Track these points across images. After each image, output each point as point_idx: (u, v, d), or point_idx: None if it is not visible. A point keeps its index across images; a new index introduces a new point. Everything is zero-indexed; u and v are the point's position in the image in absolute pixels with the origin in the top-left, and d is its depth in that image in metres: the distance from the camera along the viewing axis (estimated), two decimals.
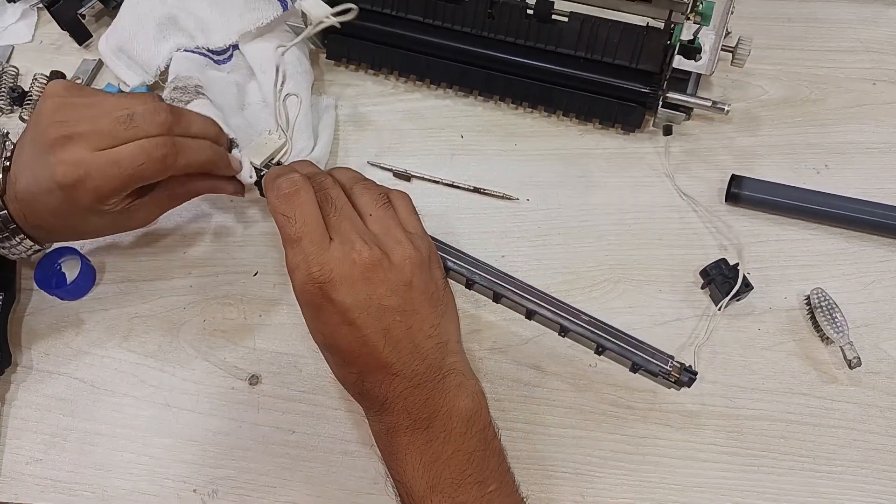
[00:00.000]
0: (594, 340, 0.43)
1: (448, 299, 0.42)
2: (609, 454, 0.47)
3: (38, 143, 0.42)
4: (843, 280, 0.51)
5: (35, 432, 0.50)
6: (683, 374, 0.41)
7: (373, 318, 0.38)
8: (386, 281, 0.38)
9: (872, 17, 0.63)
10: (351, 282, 0.38)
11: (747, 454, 0.47)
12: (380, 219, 0.41)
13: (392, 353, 0.38)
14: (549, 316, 0.43)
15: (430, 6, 0.58)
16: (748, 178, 0.54)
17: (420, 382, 0.38)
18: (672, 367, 0.42)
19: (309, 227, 0.38)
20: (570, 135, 0.59)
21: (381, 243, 0.39)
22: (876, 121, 0.58)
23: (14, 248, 0.45)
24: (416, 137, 0.60)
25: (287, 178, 0.40)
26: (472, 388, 0.40)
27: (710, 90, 0.60)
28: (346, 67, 0.63)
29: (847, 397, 0.48)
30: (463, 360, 0.41)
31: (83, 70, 0.65)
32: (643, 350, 0.42)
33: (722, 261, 0.51)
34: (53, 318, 0.54)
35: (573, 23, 0.56)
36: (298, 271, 0.38)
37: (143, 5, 0.59)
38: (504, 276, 0.44)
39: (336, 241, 0.38)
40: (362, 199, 0.42)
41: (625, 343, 0.42)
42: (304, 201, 0.39)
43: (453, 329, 0.42)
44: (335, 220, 0.39)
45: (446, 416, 0.38)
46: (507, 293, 0.44)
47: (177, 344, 0.52)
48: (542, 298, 0.44)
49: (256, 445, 0.48)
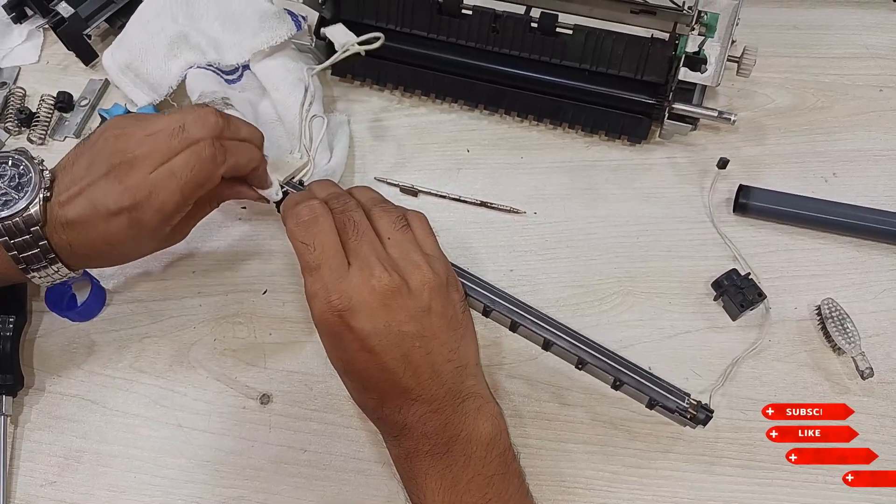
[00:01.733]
0: (612, 374, 0.43)
1: (466, 321, 0.42)
2: (622, 469, 0.47)
3: (98, 170, 0.41)
4: (853, 290, 0.51)
5: (48, 454, 0.50)
6: (700, 412, 0.42)
7: (392, 345, 0.38)
8: (405, 307, 0.38)
9: (878, 24, 0.63)
10: (370, 309, 0.37)
11: (760, 467, 0.46)
12: (398, 242, 0.41)
13: (412, 379, 0.38)
14: (566, 348, 0.43)
15: (435, 21, 0.58)
16: (756, 188, 0.54)
17: (439, 407, 0.38)
18: (689, 405, 0.42)
19: (328, 255, 0.38)
20: (576, 147, 0.59)
21: (399, 268, 0.39)
22: (883, 128, 0.57)
23: (49, 276, 0.44)
24: (422, 152, 0.60)
25: (306, 206, 0.40)
26: (491, 412, 0.40)
27: (716, 99, 0.60)
28: (352, 83, 0.63)
29: (860, 408, 0.48)
30: (482, 383, 0.41)
31: (90, 90, 0.65)
32: (660, 386, 0.42)
33: (733, 271, 0.51)
34: (65, 339, 0.54)
35: (578, 36, 0.56)
36: (317, 299, 0.38)
37: (153, 24, 0.59)
38: (521, 305, 0.44)
39: (355, 267, 0.38)
40: (381, 221, 0.42)
41: (642, 378, 0.42)
42: (323, 229, 0.39)
43: (472, 351, 0.41)
44: (355, 244, 0.39)
45: (466, 441, 0.38)
46: (526, 323, 0.43)
47: (188, 364, 0.52)
48: (559, 330, 0.44)
49: (269, 465, 0.48)
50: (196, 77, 0.57)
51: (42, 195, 0.42)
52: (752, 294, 0.50)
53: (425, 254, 0.41)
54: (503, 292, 0.44)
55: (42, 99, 0.64)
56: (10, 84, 0.66)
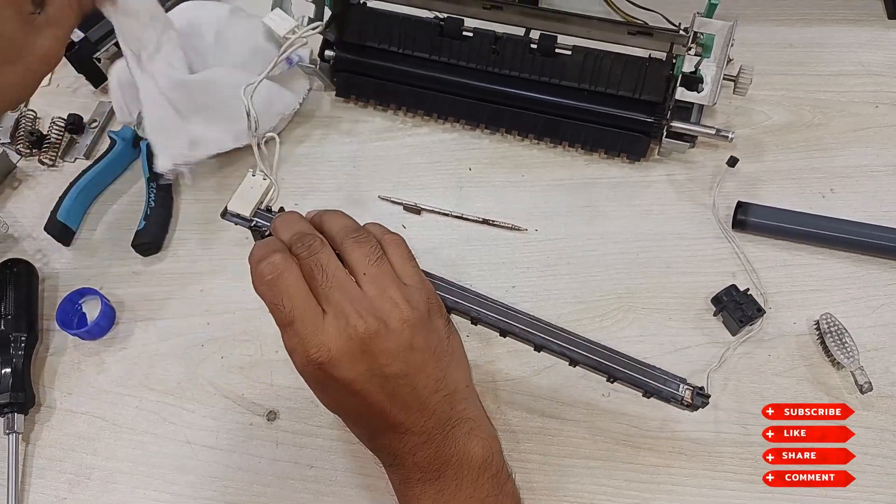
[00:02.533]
0: (605, 370, 0.43)
1: (453, 345, 0.41)
2: (623, 483, 0.47)
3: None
4: (852, 304, 0.52)
5: (59, 471, 0.51)
6: (696, 399, 0.42)
7: (377, 387, 0.37)
8: (385, 350, 0.37)
9: (873, 40, 0.63)
10: (350, 357, 0.37)
11: (762, 481, 0.47)
12: (374, 277, 0.39)
13: (400, 414, 0.38)
14: (558, 349, 0.43)
15: (436, 43, 0.60)
16: (754, 205, 0.55)
17: (429, 437, 0.38)
18: (684, 392, 0.42)
19: (299, 310, 0.37)
20: (576, 165, 0.60)
21: (376, 310, 0.37)
22: (880, 144, 0.58)
23: None
24: (425, 171, 0.61)
25: (268, 263, 0.38)
26: (482, 434, 0.40)
27: (713, 117, 0.61)
28: (355, 104, 0.65)
29: (859, 422, 0.48)
30: (473, 404, 0.41)
31: (99, 112, 0.67)
32: (654, 376, 0.42)
33: (732, 287, 0.52)
34: (75, 357, 0.55)
35: (576, 56, 0.57)
36: (296, 354, 0.38)
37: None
38: (510, 312, 0.44)
39: (330, 315, 0.37)
40: (354, 255, 0.39)
41: (635, 370, 0.42)
42: (289, 283, 0.37)
43: (460, 375, 0.41)
44: (326, 290, 0.38)
45: (457, 465, 0.38)
46: (515, 329, 0.43)
47: (196, 381, 0.53)
48: (549, 331, 0.43)
49: (276, 481, 0.49)
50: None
51: None
52: (752, 309, 0.50)
53: (404, 286, 0.39)
54: (489, 300, 0.44)
55: (53, 121, 0.65)
56: (21, 106, 0.68)
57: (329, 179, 0.61)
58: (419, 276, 0.41)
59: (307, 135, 0.64)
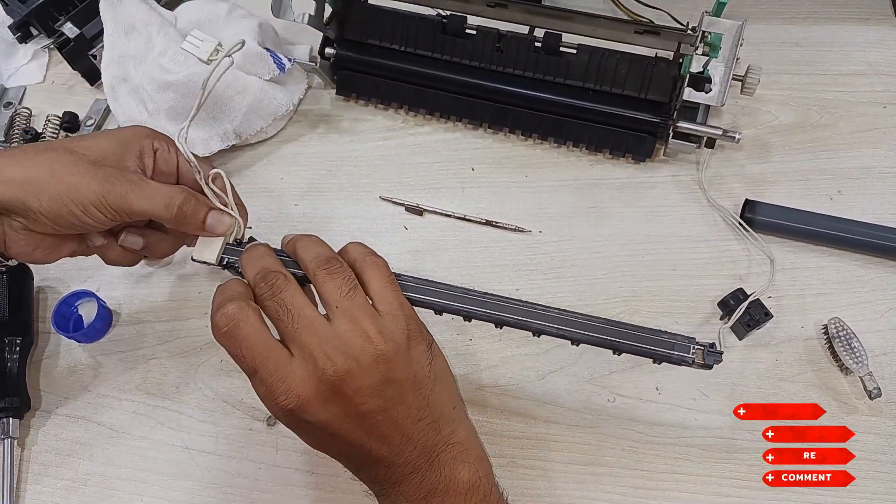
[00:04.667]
0: (608, 345, 0.41)
1: (436, 369, 0.39)
2: (629, 490, 0.47)
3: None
4: (860, 308, 0.51)
5: (55, 477, 0.50)
6: (708, 358, 0.40)
7: (354, 426, 0.36)
8: (359, 390, 0.36)
9: (881, 40, 0.63)
10: (322, 400, 0.35)
11: (770, 488, 0.46)
12: (346, 310, 0.37)
13: (381, 448, 0.37)
14: (556, 332, 0.41)
15: (439, 41, 0.59)
16: (762, 203, 0.54)
17: (414, 468, 0.37)
18: (695, 353, 0.40)
19: (261, 357, 0.36)
20: (580, 165, 0.59)
21: (347, 347, 0.36)
22: (888, 145, 0.57)
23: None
24: (426, 171, 0.60)
25: (222, 315, 0.37)
26: (470, 457, 0.38)
27: (719, 117, 0.60)
28: (356, 103, 0.64)
29: (868, 428, 0.48)
30: (461, 426, 0.39)
31: (95, 110, 0.65)
32: (661, 342, 0.40)
33: (739, 290, 0.51)
34: (71, 361, 0.54)
35: (581, 55, 0.56)
36: (266, 401, 0.36)
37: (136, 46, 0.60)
38: (502, 303, 0.42)
39: (297, 358, 0.36)
40: (326, 287, 0.38)
41: (640, 339, 0.40)
42: (248, 333, 0.36)
43: (446, 398, 0.39)
44: (292, 332, 0.36)
45: (444, 492, 0.37)
46: (509, 320, 0.41)
47: (194, 385, 0.52)
48: (545, 315, 0.41)
49: (276, 487, 0.48)
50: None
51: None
52: (759, 314, 0.50)
53: (378, 317, 0.37)
54: (478, 293, 0.42)
55: (48, 119, 0.64)
56: (15, 104, 0.67)
57: (329, 179, 0.60)
58: (398, 301, 0.39)
59: (306, 134, 0.63)
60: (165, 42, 0.58)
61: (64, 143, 0.43)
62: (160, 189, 0.42)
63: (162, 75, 0.56)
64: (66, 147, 0.42)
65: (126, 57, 0.59)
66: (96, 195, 0.40)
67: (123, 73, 0.59)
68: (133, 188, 0.41)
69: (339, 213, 0.58)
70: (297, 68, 0.61)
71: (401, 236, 0.57)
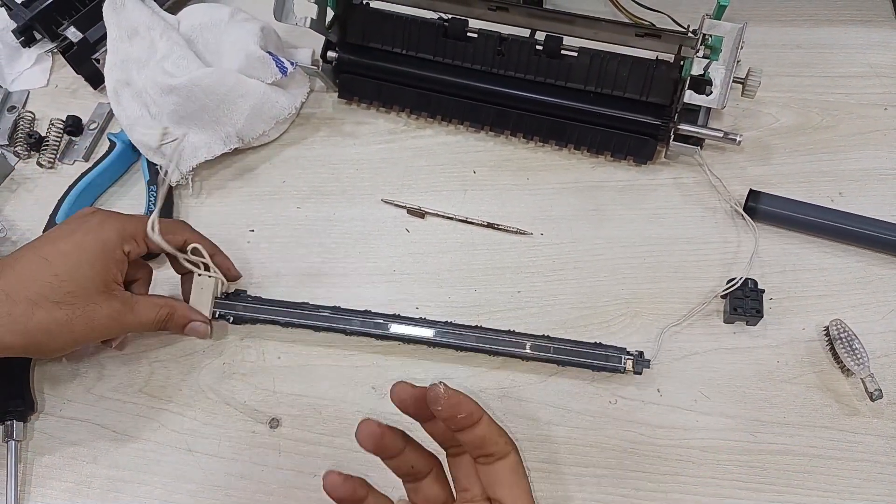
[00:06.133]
0: (551, 360, 0.49)
1: None
2: (631, 492, 0.47)
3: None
4: (861, 309, 0.51)
5: (59, 480, 0.50)
6: (637, 366, 0.48)
7: None
8: None
9: (882, 41, 0.63)
10: None
11: (771, 490, 0.46)
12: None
13: None
14: (505, 353, 0.49)
15: (440, 44, 0.59)
16: (766, 193, 0.54)
17: None
18: (626, 362, 0.48)
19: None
20: (582, 168, 0.59)
21: None
22: (889, 147, 0.58)
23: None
24: (428, 174, 0.60)
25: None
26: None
27: (720, 119, 0.60)
28: (358, 106, 0.64)
29: (870, 430, 0.48)
30: None
31: (98, 114, 0.66)
32: (596, 355, 0.48)
33: (750, 279, 0.51)
34: (75, 364, 0.54)
35: (582, 58, 0.56)
36: None
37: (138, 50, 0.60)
38: (448, 330, 0.50)
39: None
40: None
41: (577, 354, 0.48)
42: None
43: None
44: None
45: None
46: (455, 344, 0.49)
47: (197, 388, 0.52)
48: (486, 339, 0.50)
49: (279, 490, 0.49)
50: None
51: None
52: (751, 310, 0.50)
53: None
54: (420, 321, 0.51)
55: (51, 123, 0.64)
56: (19, 108, 0.67)
57: (331, 182, 0.60)
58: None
59: (309, 137, 0.63)
60: (168, 46, 0.58)
61: (45, 278, 0.45)
62: (148, 307, 0.49)
63: (165, 79, 0.57)
64: (51, 289, 0.45)
65: (129, 61, 0.59)
66: (96, 336, 0.48)
67: (126, 77, 0.59)
68: (126, 310, 0.48)
69: (342, 216, 0.59)
70: (299, 72, 0.61)
71: (402, 239, 0.57)
